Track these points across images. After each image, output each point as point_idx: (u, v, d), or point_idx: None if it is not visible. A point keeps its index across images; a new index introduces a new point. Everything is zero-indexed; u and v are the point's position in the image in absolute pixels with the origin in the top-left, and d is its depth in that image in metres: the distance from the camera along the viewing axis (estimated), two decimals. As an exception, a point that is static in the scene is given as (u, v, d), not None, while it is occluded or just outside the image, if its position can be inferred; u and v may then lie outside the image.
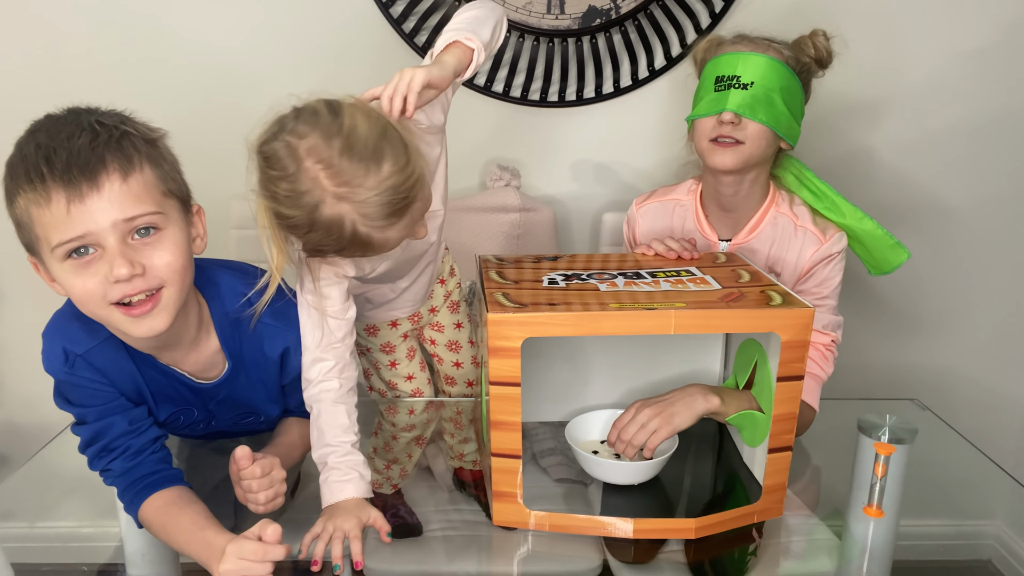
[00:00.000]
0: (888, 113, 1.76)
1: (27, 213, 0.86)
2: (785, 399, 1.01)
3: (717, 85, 1.26)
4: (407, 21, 1.67)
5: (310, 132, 0.91)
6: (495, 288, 1.05)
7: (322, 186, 0.91)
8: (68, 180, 0.84)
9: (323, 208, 0.92)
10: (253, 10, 1.67)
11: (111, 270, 0.86)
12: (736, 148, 1.25)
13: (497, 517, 1.05)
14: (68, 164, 0.84)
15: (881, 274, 1.38)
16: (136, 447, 1.00)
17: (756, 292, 1.02)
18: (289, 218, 0.94)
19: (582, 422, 1.21)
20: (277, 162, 0.93)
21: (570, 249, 1.86)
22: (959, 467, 1.27)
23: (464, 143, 1.77)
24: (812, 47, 1.27)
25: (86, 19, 1.67)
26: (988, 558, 1.07)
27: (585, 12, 1.67)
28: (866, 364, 1.91)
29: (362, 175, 0.91)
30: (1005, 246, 1.86)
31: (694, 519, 1.01)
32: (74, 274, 0.88)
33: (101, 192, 0.85)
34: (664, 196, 1.43)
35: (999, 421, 1.97)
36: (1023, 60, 1.72)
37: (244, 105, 1.72)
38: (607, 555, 1.02)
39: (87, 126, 0.87)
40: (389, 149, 0.93)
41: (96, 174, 0.85)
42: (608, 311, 0.96)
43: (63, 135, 0.86)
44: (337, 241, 0.95)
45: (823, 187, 1.34)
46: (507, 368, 0.97)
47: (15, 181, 0.86)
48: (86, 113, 0.90)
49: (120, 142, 0.88)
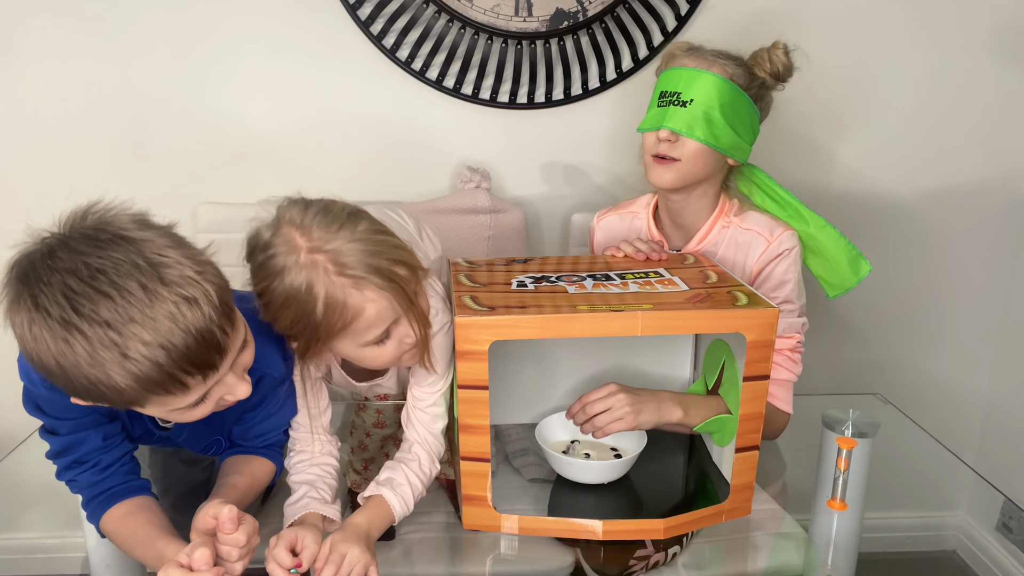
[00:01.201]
0: (850, 118, 1.79)
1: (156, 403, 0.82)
2: (751, 399, 1.02)
3: (660, 100, 1.27)
4: (375, 23, 1.67)
5: (288, 210, 0.93)
6: (464, 291, 1.05)
7: (295, 245, 0.89)
8: (202, 380, 0.81)
9: (293, 269, 0.89)
10: (223, 10, 1.66)
11: (232, 395, 0.87)
12: (673, 165, 1.25)
13: (467, 521, 1.05)
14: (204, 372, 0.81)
15: (839, 294, 1.37)
16: (106, 462, 0.97)
17: (723, 293, 1.03)
18: (263, 294, 0.92)
19: (552, 422, 1.22)
20: (257, 238, 0.93)
21: (540, 250, 1.86)
22: (922, 460, 1.29)
23: (434, 145, 1.77)
24: (768, 61, 1.26)
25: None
26: (953, 548, 1.09)
27: (552, 15, 1.67)
28: (830, 360, 1.94)
29: (335, 228, 0.90)
30: (965, 244, 1.90)
31: (663, 519, 1.02)
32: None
33: (221, 366, 0.83)
34: (622, 209, 1.44)
35: (961, 415, 2.01)
36: (981, 69, 1.76)
37: (211, 110, 1.72)
38: (580, 559, 1.02)
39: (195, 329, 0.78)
40: (367, 218, 0.93)
41: (217, 365, 0.82)
42: (575, 313, 0.96)
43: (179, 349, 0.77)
44: (310, 308, 0.89)
45: (786, 195, 1.35)
46: (475, 371, 0.97)
47: (146, 391, 0.78)
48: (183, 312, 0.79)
49: (223, 332, 0.81)
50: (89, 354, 0.74)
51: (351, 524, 0.97)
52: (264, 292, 0.92)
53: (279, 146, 1.75)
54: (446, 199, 1.71)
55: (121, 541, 0.94)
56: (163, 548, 0.89)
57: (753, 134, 1.30)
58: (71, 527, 1.04)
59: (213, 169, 1.75)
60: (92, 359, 0.75)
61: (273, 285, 0.90)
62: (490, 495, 1.03)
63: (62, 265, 0.75)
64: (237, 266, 0.98)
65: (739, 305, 0.98)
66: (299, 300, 0.89)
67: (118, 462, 0.98)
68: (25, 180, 1.72)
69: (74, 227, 0.79)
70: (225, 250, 1.83)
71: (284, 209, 0.93)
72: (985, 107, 1.80)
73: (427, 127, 1.77)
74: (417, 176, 1.79)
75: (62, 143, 1.71)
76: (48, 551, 1.06)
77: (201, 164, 1.74)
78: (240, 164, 1.75)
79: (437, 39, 1.68)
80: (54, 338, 0.74)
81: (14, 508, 1.14)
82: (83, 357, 0.74)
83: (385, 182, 1.79)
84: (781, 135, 1.75)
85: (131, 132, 1.71)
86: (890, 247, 1.88)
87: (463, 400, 0.99)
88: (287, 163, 1.76)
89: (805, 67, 1.33)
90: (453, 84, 1.72)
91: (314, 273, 0.88)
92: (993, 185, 1.86)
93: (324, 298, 0.89)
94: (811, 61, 1.35)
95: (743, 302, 0.99)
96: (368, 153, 1.77)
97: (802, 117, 1.76)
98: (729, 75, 1.24)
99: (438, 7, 1.65)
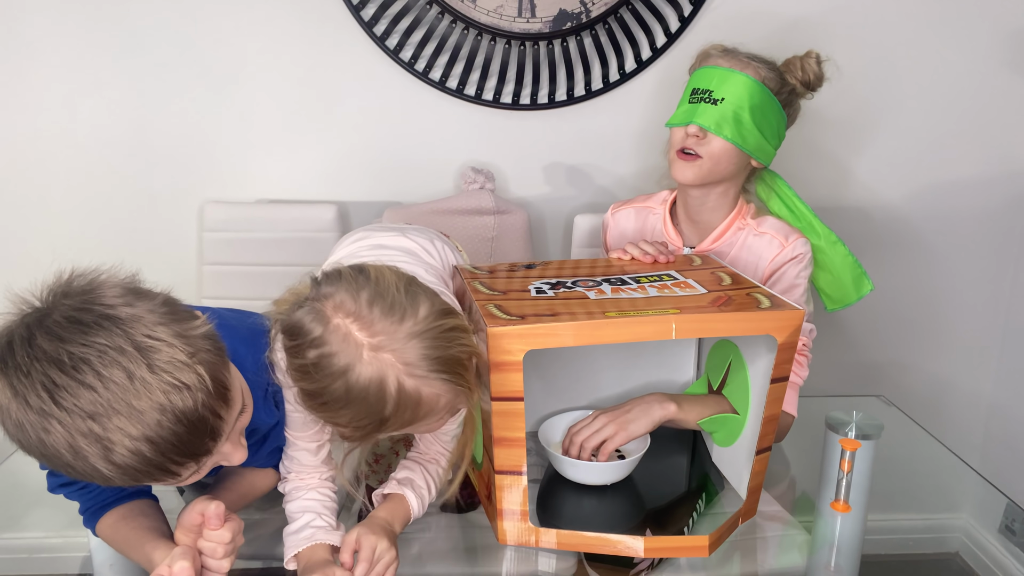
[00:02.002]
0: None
1: None
2: (775, 400, 1.02)
3: (692, 97, 1.28)
4: (378, 24, 1.67)
5: (334, 292, 0.83)
6: (485, 300, 1.01)
7: (355, 341, 0.81)
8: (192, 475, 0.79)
9: (358, 367, 0.80)
10: (227, 11, 1.66)
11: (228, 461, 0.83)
12: (696, 162, 1.26)
13: (504, 536, 1.01)
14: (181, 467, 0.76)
15: (837, 308, 1.40)
16: (98, 485, 0.94)
17: (742, 295, 1.02)
18: (320, 394, 0.83)
19: (554, 423, 1.22)
20: (301, 329, 0.82)
21: (544, 251, 1.86)
22: (925, 462, 1.29)
23: (437, 146, 1.78)
24: (800, 69, 1.28)
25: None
26: (955, 551, 1.09)
27: (556, 16, 1.67)
28: (833, 362, 1.93)
29: (398, 319, 0.81)
30: (969, 247, 1.90)
31: (708, 535, 0.99)
32: None
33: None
34: (640, 203, 1.44)
35: (964, 417, 2.01)
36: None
37: (215, 111, 1.73)
38: (584, 564, 1.02)
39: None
40: (422, 292, 0.85)
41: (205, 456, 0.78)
42: (608, 319, 0.93)
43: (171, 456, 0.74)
44: (379, 407, 0.82)
45: (801, 206, 1.36)
46: (509, 383, 0.93)
47: (134, 480, 0.75)
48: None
49: (214, 434, 0.77)
50: (71, 446, 0.70)
51: (376, 518, 0.97)
52: (320, 392, 0.83)
53: (283, 146, 1.75)
54: (450, 200, 1.71)
55: (116, 546, 0.95)
56: (151, 552, 0.88)
57: (779, 138, 1.31)
58: (74, 527, 1.04)
59: (218, 168, 1.75)
60: (74, 452, 0.71)
61: (335, 386, 0.81)
62: (526, 509, 1.00)
63: (43, 355, 0.70)
64: (238, 264, 0.97)
65: (763, 307, 0.98)
66: (367, 400, 0.81)
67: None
68: (25, 180, 1.73)
69: (56, 301, 0.73)
70: (229, 248, 1.84)
71: (328, 293, 0.83)
72: (991, 115, 1.80)
73: (430, 128, 1.77)
74: (421, 177, 1.79)
75: (66, 143, 1.71)
76: (51, 551, 1.06)
77: (206, 163, 1.75)
78: (245, 164, 1.75)
79: (440, 40, 1.68)
80: (34, 428, 0.70)
81: (18, 508, 1.14)
82: (64, 448, 0.71)
83: (389, 183, 1.79)
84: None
85: (136, 131, 1.72)
86: (895, 251, 1.88)
87: (497, 412, 0.95)
88: (291, 163, 1.77)
89: (835, 78, 1.33)
90: (456, 85, 1.72)
91: (385, 372, 0.81)
92: (997, 190, 1.86)
93: (396, 396, 0.81)
94: (842, 73, 1.35)
95: (766, 304, 0.98)
96: (372, 154, 1.77)
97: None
98: (761, 78, 1.25)
99: (441, 8, 1.65)
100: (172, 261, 1.75)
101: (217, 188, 1.74)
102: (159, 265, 1.70)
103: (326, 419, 0.87)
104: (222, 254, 1.70)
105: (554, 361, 1.25)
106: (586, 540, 1.01)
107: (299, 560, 0.95)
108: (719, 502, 1.11)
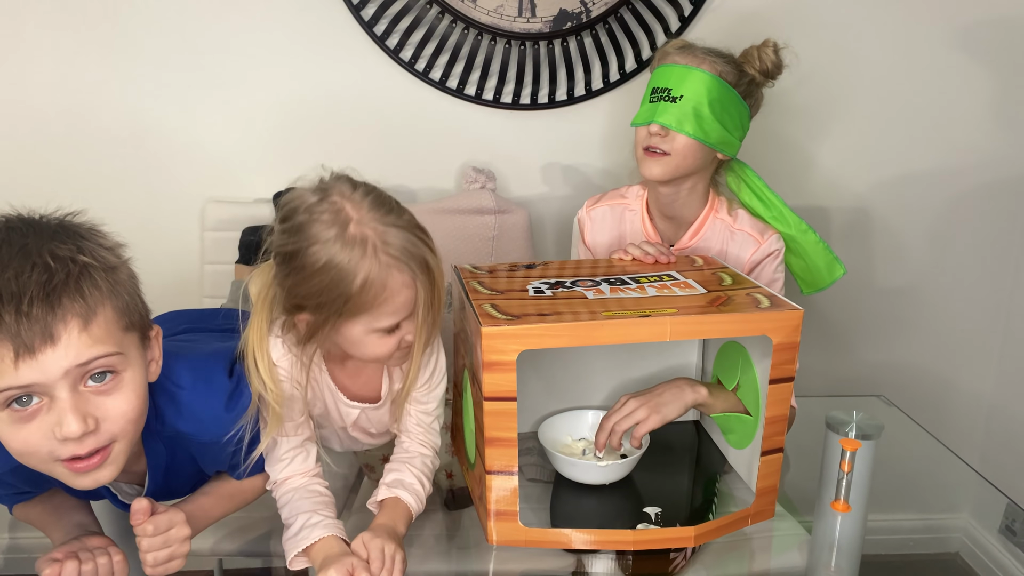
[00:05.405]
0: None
1: None
2: (776, 401, 1.02)
3: (652, 96, 1.30)
4: (378, 24, 1.67)
5: (337, 182, 0.94)
6: (483, 299, 1.01)
7: (345, 215, 0.90)
8: (17, 333, 0.70)
9: (341, 237, 0.89)
10: (227, 11, 1.66)
11: (60, 426, 0.73)
12: (663, 159, 1.28)
13: (496, 536, 1.01)
14: (17, 315, 0.69)
15: (812, 292, 1.44)
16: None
17: (742, 295, 1.02)
18: (297, 256, 0.89)
19: (555, 424, 1.22)
20: (300, 196, 0.93)
21: (544, 250, 1.86)
22: (926, 462, 1.29)
23: (437, 146, 1.77)
24: (758, 59, 1.30)
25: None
26: (956, 551, 1.09)
27: (556, 15, 1.67)
28: (833, 362, 1.93)
29: (385, 211, 0.92)
30: (968, 246, 1.89)
31: (693, 527, 1.00)
32: (13, 426, 0.74)
33: (56, 345, 0.72)
34: (614, 200, 1.45)
35: (964, 417, 2.01)
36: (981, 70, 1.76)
37: (216, 111, 1.73)
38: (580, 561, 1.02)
39: (39, 262, 0.72)
40: (409, 212, 0.96)
41: (51, 326, 0.71)
42: (603, 320, 0.93)
43: (9, 273, 0.70)
44: (349, 280, 0.88)
45: (771, 196, 1.38)
46: (502, 383, 0.93)
47: None
48: (36, 238, 0.74)
49: (79, 282, 0.73)
50: None
51: (377, 526, 0.96)
52: (296, 254, 0.90)
53: (283, 146, 1.75)
54: (451, 200, 1.71)
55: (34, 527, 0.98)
56: (51, 533, 0.94)
57: (743, 129, 1.33)
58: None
59: (219, 168, 1.75)
60: None
61: (312, 249, 0.89)
62: (519, 509, 1.00)
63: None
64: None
65: (762, 307, 0.97)
66: (338, 269, 0.88)
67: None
68: (25, 180, 1.73)
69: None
70: (231, 247, 1.83)
71: (333, 180, 0.94)
72: (993, 109, 1.80)
73: (431, 128, 1.77)
74: (422, 177, 1.79)
75: (67, 143, 1.71)
76: (51, 550, 1.06)
77: (207, 162, 1.75)
78: (245, 164, 1.75)
79: (440, 40, 1.68)
80: None
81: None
82: None
83: (390, 183, 1.78)
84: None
85: (137, 131, 1.72)
86: (894, 249, 1.88)
87: (489, 412, 0.95)
88: (291, 163, 1.76)
89: (795, 65, 1.35)
90: (456, 85, 1.72)
91: (362, 248, 0.89)
92: (998, 188, 1.86)
93: (365, 273, 0.88)
94: (800, 59, 1.37)
95: (765, 304, 0.98)
96: (372, 154, 1.77)
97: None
98: (718, 72, 1.26)
99: (441, 8, 1.65)
100: (174, 260, 1.75)
101: (218, 188, 1.75)
102: (161, 264, 1.70)
103: (293, 291, 0.91)
104: (224, 253, 1.71)
105: (554, 361, 1.25)
106: (576, 538, 1.01)
107: (312, 555, 0.94)
108: (720, 501, 1.11)
